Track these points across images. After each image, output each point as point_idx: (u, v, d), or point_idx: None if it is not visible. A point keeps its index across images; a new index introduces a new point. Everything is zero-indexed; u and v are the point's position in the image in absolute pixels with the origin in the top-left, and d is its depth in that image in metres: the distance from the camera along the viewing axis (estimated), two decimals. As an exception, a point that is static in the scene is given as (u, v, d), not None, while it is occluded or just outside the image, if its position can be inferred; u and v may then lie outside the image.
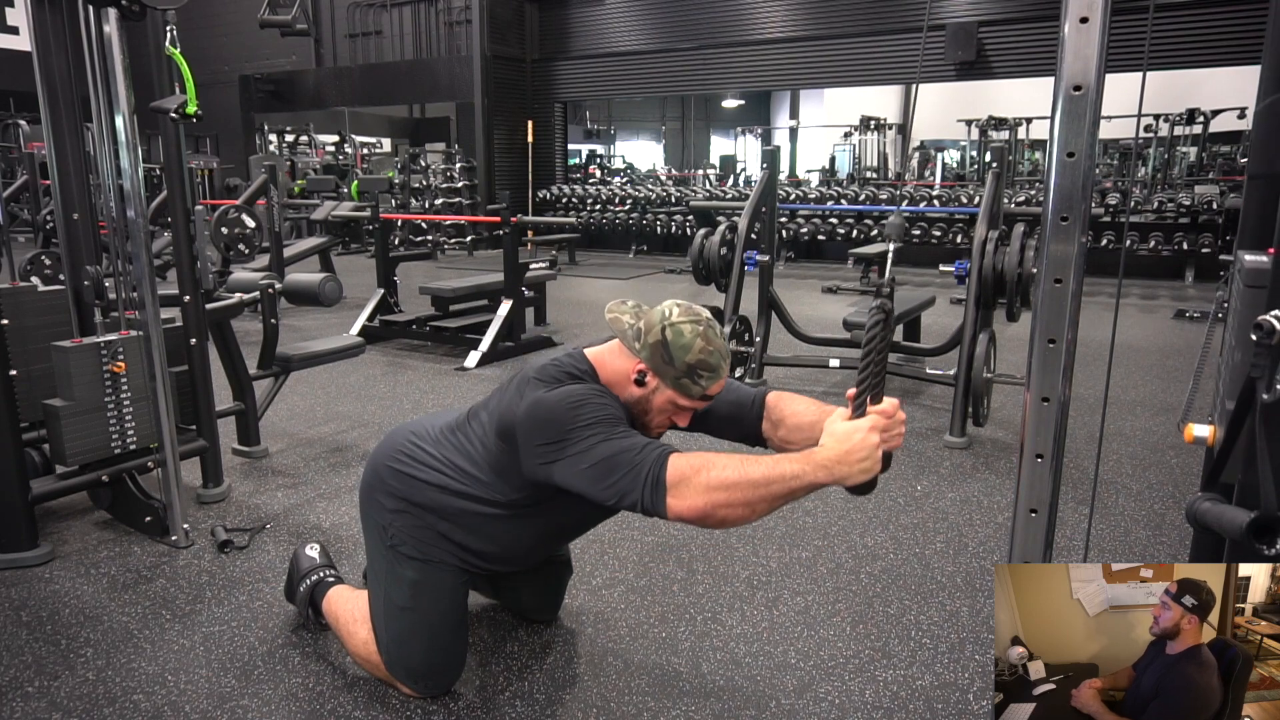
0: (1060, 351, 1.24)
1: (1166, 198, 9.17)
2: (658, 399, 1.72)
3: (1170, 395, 4.56)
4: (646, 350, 1.69)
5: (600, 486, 1.55)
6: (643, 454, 1.54)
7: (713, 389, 1.71)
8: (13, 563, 2.49)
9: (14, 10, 13.26)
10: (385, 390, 4.67)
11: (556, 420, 1.61)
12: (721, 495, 1.47)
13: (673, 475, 1.50)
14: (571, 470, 1.58)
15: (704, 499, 1.48)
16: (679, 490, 1.49)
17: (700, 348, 1.67)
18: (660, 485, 1.50)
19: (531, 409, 1.65)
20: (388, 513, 1.87)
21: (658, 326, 1.68)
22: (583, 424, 1.59)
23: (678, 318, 1.69)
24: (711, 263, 4.55)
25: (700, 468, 1.49)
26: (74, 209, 2.73)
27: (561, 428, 1.60)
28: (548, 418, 1.62)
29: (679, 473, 1.50)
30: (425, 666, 1.86)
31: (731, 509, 1.48)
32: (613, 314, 1.76)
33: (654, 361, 1.69)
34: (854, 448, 1.47)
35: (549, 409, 1.63)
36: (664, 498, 1.50)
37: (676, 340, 1.66)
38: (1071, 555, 2.63)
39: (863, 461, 1.47)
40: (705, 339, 1.68)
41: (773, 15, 11.28)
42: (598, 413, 1.60)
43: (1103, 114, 1.24)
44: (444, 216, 11.47)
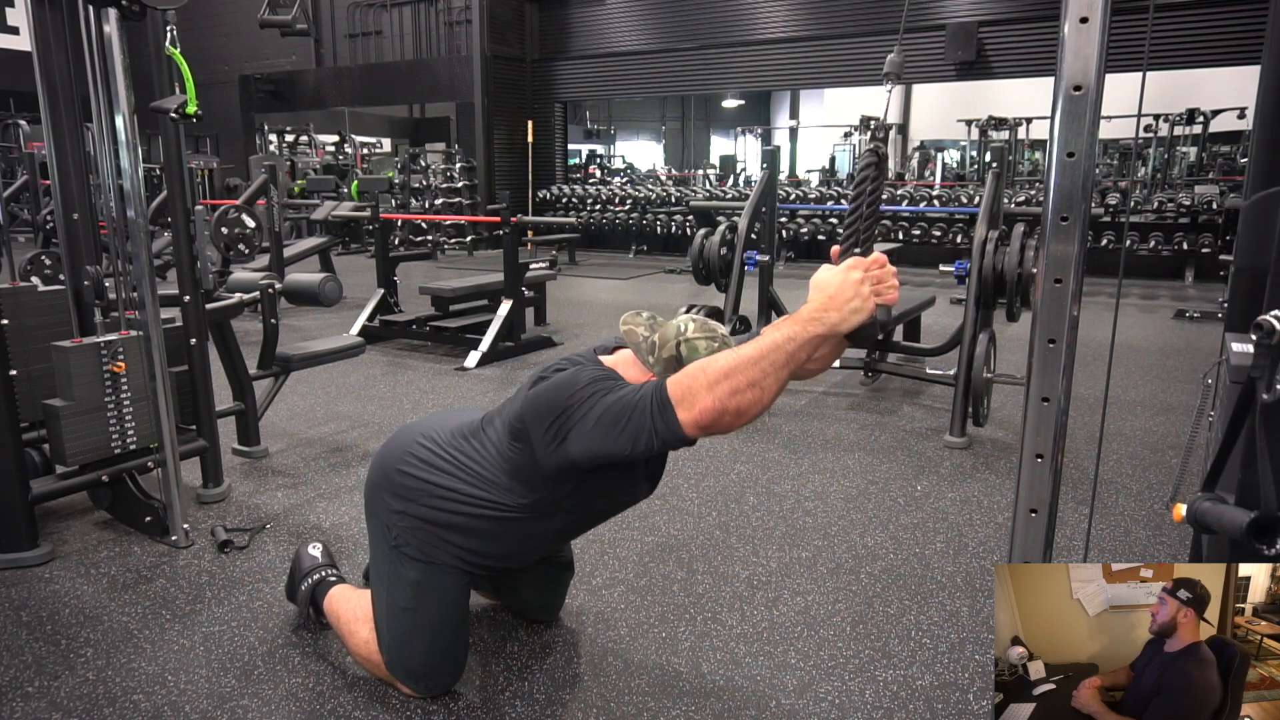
0: (1060, 351, 1.24)
1: (1166, 198, 9.17)
2: None
3: (1170, 395, 4.56)
4: (660, 365, 1.67)
5: (612, 438, 1.55)
6: (640, 391, 1.55)
7: None
8: (13, 563, 2.49)
9: (14, 10, 13.26)
10: (385, 390, 4.67)
11: (557, 398, 1.63)
12: (725, 385, 1.46)
13: (674, 391, 1.50)
14: (582, 437, 1.58)
15: (711, 397, 1.46)
16: (685, 402, 1.48)
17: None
18: (666, 405, 1.49)
19: (533, 399, 1.68)
20: (393, 513, 1.86)
21: (672, 342, 1.67)
22: (580, 389, 1.60)
23: (693, 334, 1.67)
24: (711, 263, 4.55)
25: (695, 373, 1.50)
26: (74, 209, 2.74)
27: (563, 402, 1.61)
28: (549, 399, 1.64)
29: (679, 387, 1.50)
30: (426, 667, 1.86)
31: (741, 395, 1.46)
32: (627, 325, 1.75)
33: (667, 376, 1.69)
34: (837, 290, 1.46)
35: (547, 395, 1.66)
36: (674, 416, 1.49)
37: (691, 357, 1.64)
38: (1071, 555, 2.63)
39: (850, 302, 1.46)
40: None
41: (773, 15, 11.28)
42: (597, 382, 1.61)
43: (1103, 114, 1.24)
44: (444, 216, 11.47)
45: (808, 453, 3.62)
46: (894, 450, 3.66)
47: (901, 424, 4.06)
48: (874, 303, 1.49)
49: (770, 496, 3.12)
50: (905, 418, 4.17)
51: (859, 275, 1.47)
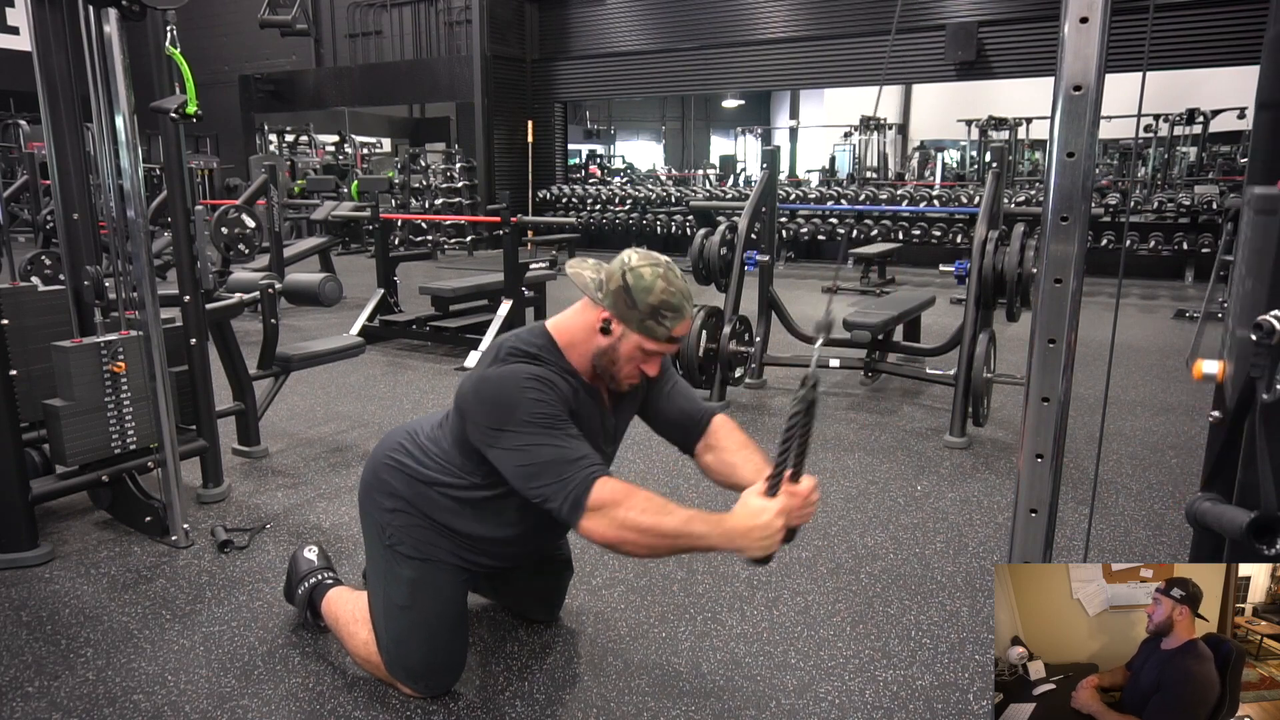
0: (1060, 351, 1.24)
1: (1166, 198, 9.17)
2: (625, 346, 1.74)
3: (1170, 395, 4.56)
4: (609, 298, 1.72)
5: (527, 485, 1.65)
6: (573, 469, 1.61)
7: (678, 329, 1.74)
8: (13, 563, 2.49)
9: (14, 10, 13.26)
10: (385, 390, 4.67)
11: (499, 406, 1.66)
12: (631, 535, 1.58)
13: (594, 501, 1.59)
14: (505, 460, 1.67)
15: (615, 533, 1.58)
16: (595, 516, 1.59)
17: (662, 289, 1.70)
18: (579, 507, 1.59)
19: (477, 385, 1.72)
20: (385, 512, 1.88)
21: (618, 273, 1.72)
22: (523, 418, 1.64)
23: (637, 262, 1.72)
24: (711, 263, 4.55)
25: (621, 502, 1.58)
26: (74, 209, 2.73)
27: (502, 415, 1.66)
28: (491, 399, 1.68)
29: (600, 501, 1.59)
30: (425, 666, 1.86)
31: (636, 547, 1.60)
32: (574, 269, 1.80)
33: (617, 308, 1.72)
34: (758, 526, 1.54)
35: (492, 389, 1.69)
36: (580, 518, 1.59)
37: (638, 284, 1.69)
38: (1071, 555, 2.63)
39: (763, 540, 1.55)
40: (666, 280, 1.71)
41: (773, 15, 11.28)
42: (538, 409, 1.64)
43: (1103, 114, 1.24)
44: (444, 216, 11.47)
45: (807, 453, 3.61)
46: (894, 450, 3.66)
47: (901, 424, 4.06)
48: (778, 545, 1.57)
49: (770, 496, 3.11)
50: (905, 418, 4.17)
51: (781, 522, 1.56)
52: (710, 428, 1.92)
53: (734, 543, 1.56)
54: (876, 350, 4.56)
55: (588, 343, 1.76)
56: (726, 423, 1.94)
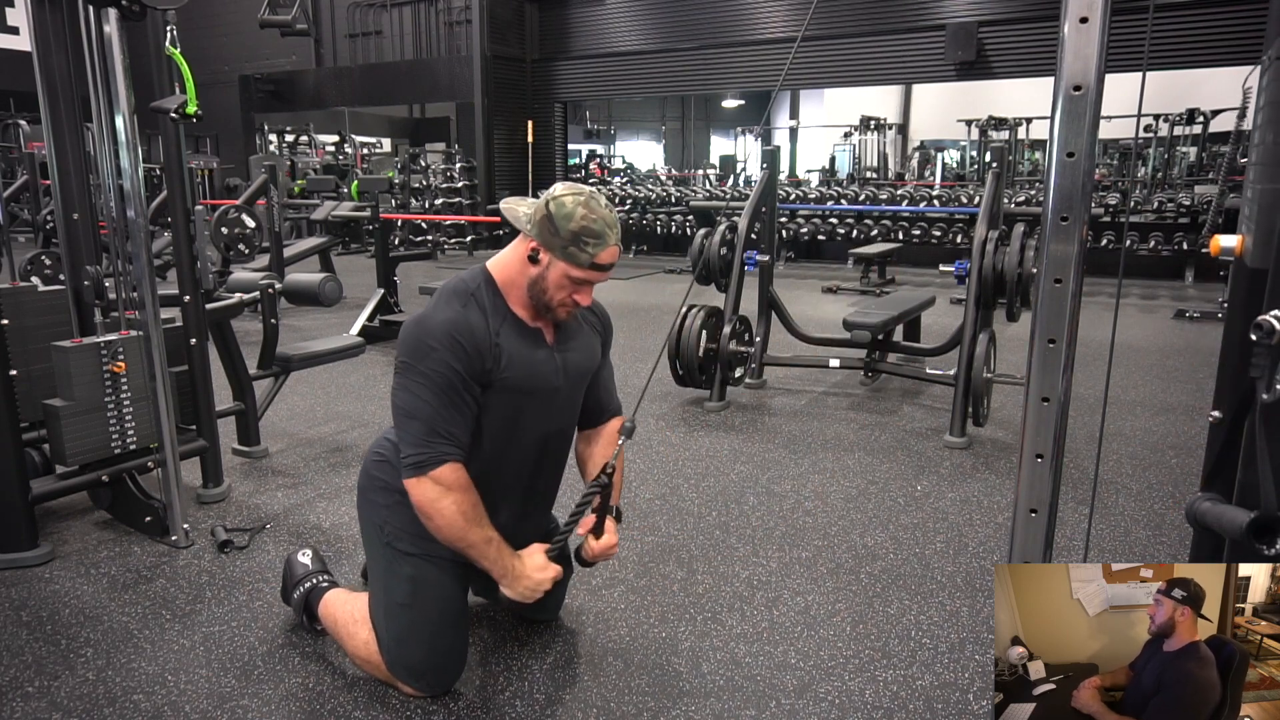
0: (1060, 351, 1.24)
1: (1166, 198, 9.17)
2: (553, 274, 1.79)
3: (1170, 395, 4.56)
4: (535, 228, 1.78)
5: (396, 420, 1.79)
6: (438, 440, 1.74)
7: (602, 256, 1.78)
8: (13, 563, 2.49)
9: (14, 10, 13.26)
10: (385, 390, 4.65)
11: (413, 348, 1.76)
12: (439, 519, 1.75)
13: (436, 474, 1.73)
14: (396, 392, 1.78)
15: (430, 508, 1.74)
16: (427, 485, 1.73)
17: (582, 215, 1.74)
18: (421, 469, 1.74)
19: (406, 326, 1.81)
20: (382, 508, 1.89)
21: (543, 203, 1.78)
22: (425, 369, 1.74)
23: (560, 192, 1.78)
24: (711, 263, 4.55)
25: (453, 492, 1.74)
26: (74, 209, 2.73)
27: (411, 356, 1.76)
28: (412, 340, 1.77)
29: (440, 478, 1.73)
30: (426, 664, 1.86)
31: (434, 526, 1.77)
32: (508, 205, 1.86)
33: (543, 236, 1.77)
34: (530, 583, 1.86)
35: (415, 334, 1.77)
36: (414, 476, 1.74)
37: (559, 211, 1.75)
38: (1071, 555, 2.63)
39: (525, 592, 1.86)
40: (587, 207, 1.76)
41: (773, 15, 11.28)
42: (442, 369, 1.73)
43: (1103, 114, 1.24)
44: (444, 216, 11.47)
45: (808, 453, 3.62)
46: (894, 450, 3.66)
47: (901, 424, 4.06)
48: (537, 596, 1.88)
49: (770, 496, 3.12)
50: (905, 418, 4.17)
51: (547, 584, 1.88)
52: (604, 426, 2.08)
53: (504, 578, 1.84)
54: (876, 350, 4.56)
55: (521, 273, 1.82)
56: (614, 428, 2.07)
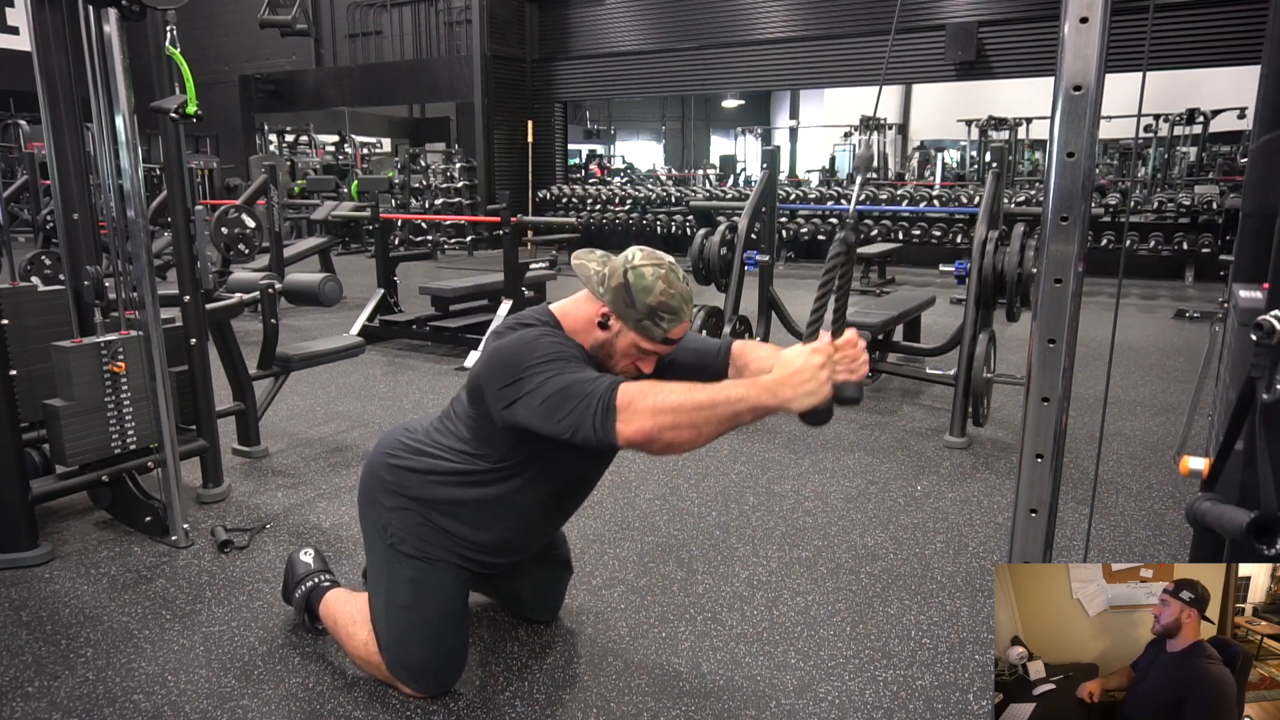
0: (1060, 351, 1.23)
1: (1166, 198, 9.17)
2: (621, 342, 1.75)
3: (1170, 395, 4.56)
4: (610, 294, 1.73)
5: (554, 420, 1.58)
6: (594, 385, 1.56)
7: (675, 332, 1.74)
8: (13, 563, 2.49)
9: (14, 10, 13.25)
10: (385, 390, 4.67)
11: (512, 361, 1.65)
12: (667, 418, 1.49)
13: (621, 400, 1.52)
14: (528, 408, 1.61)
15: (650, 421, 1.50)
16: (626, 415, 1.51)
17: (661, 290, 1.71)
18: (610, 411, 1.52)
19: (490, 357, 1.72)
20: (387, 511, 1.88)
21: (620, 270, 1.73)
22: (536, 361, 1.62)
23: (640, 261, 1.73)
24: (711, 263, 4.55)
25: (647, 392, 1.52)
26: (74, 209, 2.73)
27: (517, 367, 1.64)
28: (504, 361, 1.67)
29: (627, 397, 1.52)
30: (426, 666, 1.86)
31: (678, 431, 1.50)
32: (579, 261, 1.80)
33: (617, 304, 1.72)
34: (797, 370, 1.48)
35: (505, 353, 1.68)
36: (613, 423, 1.52)
37: (638, 283, 1.70)
38: (1071, 555, 2.63)
39: (806, 384, 1.47)
40: (667, 281, 1.72)
41: (773, 15, 11.27)
42: (550, 350, 1.64)
43: (1103, 114, 1.24)
44: (444, 216, 11.46)
45: (808, 453, 3.62)
46: (894, 450, 3.66)
47: (901, 424, 4.06)
48: (829, 389, 1.50)
49: (770, 496, 3.12)
50: (905, 418, 4.17)
51: (820, 360, 1.49)
52: (731, 354, 1.89)
53: (777, 395, 1.48)
54: (877, 350, 4.56)
55: (587, 334, 1.77)
56: (746, 343, 1.91)
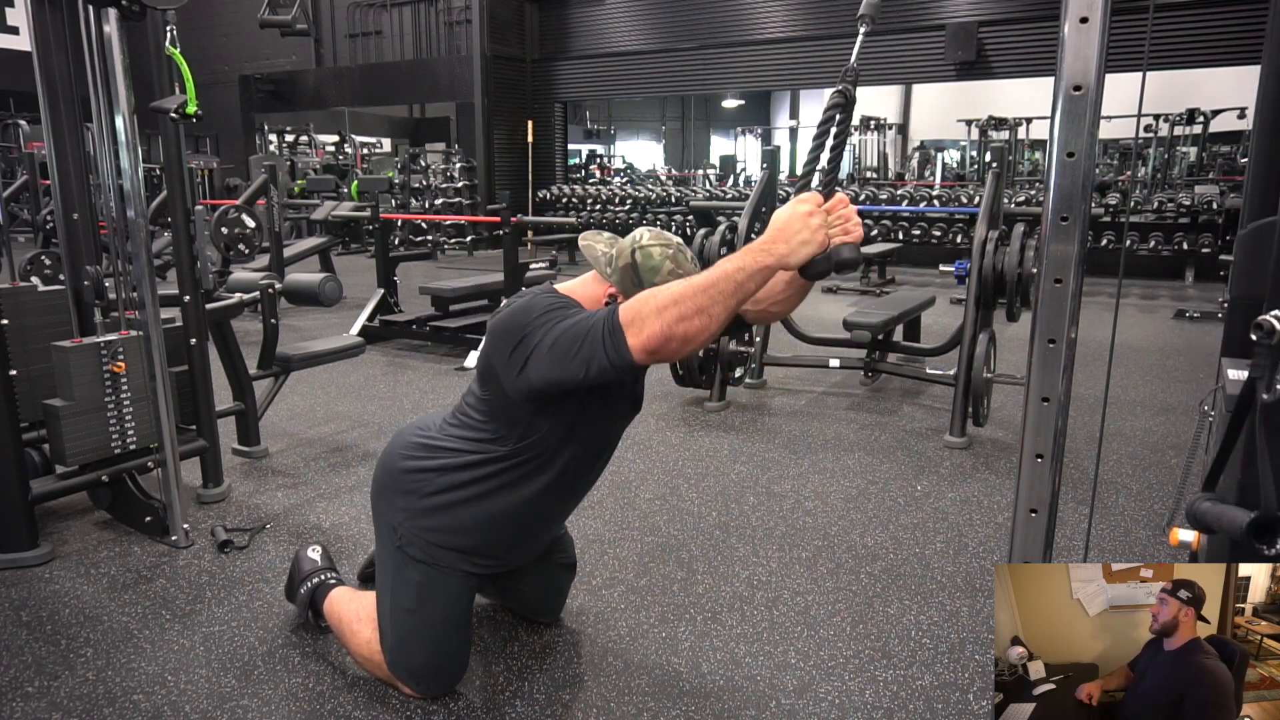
0: (1060, 351, 1.24)
1: (1166, 198, 9.17)
2: None
3: (1170, 395, 4.56)
4: (617, 274, 1.73)
5: (566, 362, 1.57)
6: (595, 317, 1.57)
7: None
8: (13, 563, 2.49)
9: (14, 10, 13.25)
10: (385, 390, 4.67)
11: (514, 326, 1.66)
12: (673, 311, 1.48)
13: (625, 316, 1.52)
14: (539, 362, 1.60)
15: (659, 322, 1.48)
16: (634, 327, 1.50)
17: (670, 270, 1.71)
18: (617, 330, 1.52)
19: (492, 332, 1.72)
20: (399, 511, 1.86)
21: (628, 250, 1.73)
22: (537, 315, 1.63)
23: (648, 241, 1.74)
24: (711, 262, 4.54)
25: (645, 299, 1.53)
26: (74, 209, 2.73)
27: (521, 329, 1.64)
28: (506, 328, 1.67)
29: (630, 311, 1.52)
30: (428, 668, 1.86)
31: (689, 321, 1.48)
32: (586, 241, 1.80)
33: (624, 285, 1.72)
34: (788, 223, 1.48)
35: (505, 322, 1.68)
36: (624, 340, 1.51)
37: (646, 263, 1.71)
38: (1071, 555, 2.63)
39: (799, 234, 1.48)
40: (675, 262, 1.72)
41: (773, 15, 11.28)
42: (548, 304, 1.64)
43: (1103, 114, 1.24)
44: (444, 216, 11.46)
45: (808, 453, 3.62)
46: (894, 450, 3.66)
47: (901, 424, 4.06)
48: (824, 237, 1.50)
49: (770, 496, 3.12)
50: (905, 418, 4.17)
51: (808, 208, 1.48)
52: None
53: (772, 252, 1.48)
54: (876, 350, 4.56)
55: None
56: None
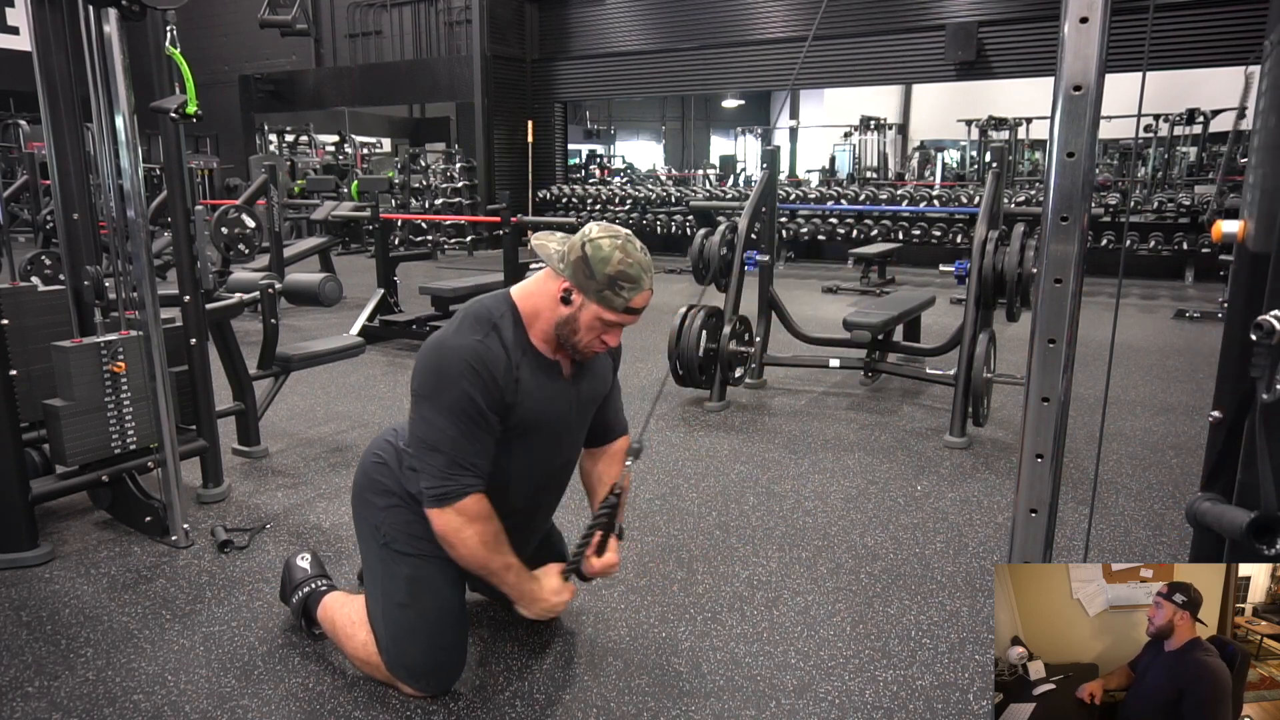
0: (1060, 351, 1.24)
1: (1166, 198, 9.17)
2: (584, 315, 1.78)
3: (1170, 395, 4.56)
4: (569, 268, 1.76)
5: (417, 453, 1.79)
6: (461, 471, 1.75)
7: (636, 300, 1.77)
8: (13, 563, 2.49)
9: (14, 10, 13.25)
10: (385, 390, 4.67)
11: (434, 378, 1.75)
12: (462, 550, 1.78)
13: (459, 507, 1.75)
14: (415, 423, 1.79)
15: (453, 536, 1.77)
16: (449, 515, 1.75)
17: (619, 260, 1.73)
18: (444, 500, 1.75)
19: (428, 349, 1.79)
20: (379, 510, 1.90)
21: (578, 244, 1.76)
22: (447, 402, 1.73)
23: (597, 234, 1.77)
24: (711, 263, 4.55)
25: (476, 523, 1.77)
26: (74, 209, 2.73)
27: (432, 389, 1.75)
28: (433, 368, 1.76)
29: (463, 510, 1.75)
30: (426, 664, 1.86)
31: (458, 557, 1.81)
32: (539, 241, 1.84)
33: (577, 278, 1.75)
34: (547, 605, 1.94)
35: (436, 360, 1.76)
36: (436, 507, 1.76)
37: (596, 254, 1.73)
38: (1071, 555, 2.63)
39: (543, 613, 1.96)
40: (624, 251, 1.75)
41: (773, 15, 11.27)
42: (463, 402, 1.72)
43: (1103, 114, 1.24)
44: (444, 216, 11.47)
45: (808, 453, 3.62)
46: (894, 450, 3.66)
47: (901, 424, 4.06)
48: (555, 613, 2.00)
49: (770, 496, 3.12)
50: (905, 418, 4.17)
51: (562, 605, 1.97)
52: (609, 445, 2.10)
53: (522, 600, 1.91)
54: (876, 350, 4.56)
55: (551, 311, 1.80)
56: (619, 448, 2.10)
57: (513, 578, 1.85)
